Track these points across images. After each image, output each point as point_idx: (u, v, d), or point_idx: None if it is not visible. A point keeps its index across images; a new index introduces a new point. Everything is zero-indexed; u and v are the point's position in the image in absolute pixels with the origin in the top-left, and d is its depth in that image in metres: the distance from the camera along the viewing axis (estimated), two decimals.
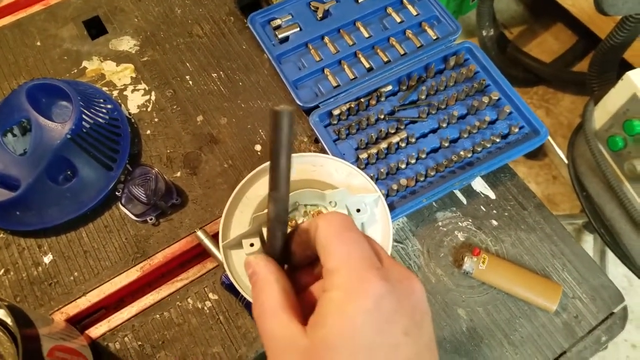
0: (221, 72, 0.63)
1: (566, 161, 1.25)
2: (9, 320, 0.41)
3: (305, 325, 0.25)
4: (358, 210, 0.46)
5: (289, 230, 0.31)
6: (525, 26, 1.69)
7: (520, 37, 1.67)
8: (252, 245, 0.41)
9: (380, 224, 0.48)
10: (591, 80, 1.14)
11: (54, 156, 0.52)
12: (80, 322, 0.52)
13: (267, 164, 0.41)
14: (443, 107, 0.58)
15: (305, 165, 0.50)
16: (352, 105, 0.58)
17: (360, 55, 0.62)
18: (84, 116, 0.54)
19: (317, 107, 0.59)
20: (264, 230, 0.41)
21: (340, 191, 0.46)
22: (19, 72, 0.64)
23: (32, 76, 0.64)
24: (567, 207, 1.41)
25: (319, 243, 0.27)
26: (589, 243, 1.37)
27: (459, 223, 0.54)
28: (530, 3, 1.71)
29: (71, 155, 0.54)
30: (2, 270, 0.53)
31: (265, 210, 0.37)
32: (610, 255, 1.24)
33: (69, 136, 0.53)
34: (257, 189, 0.49)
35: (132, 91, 0.62)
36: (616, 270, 1.32)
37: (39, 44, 0.66)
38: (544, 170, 1.46)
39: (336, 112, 0.58)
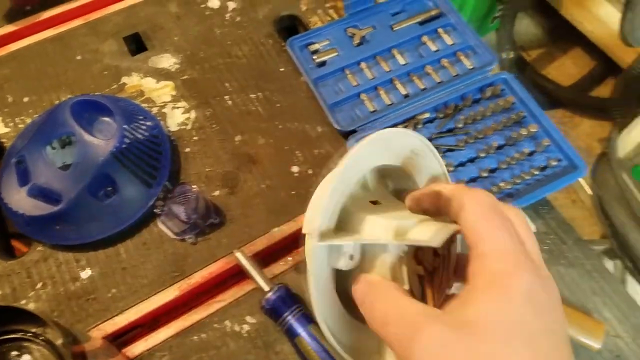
0: (259, 93, 0.64)
1: (585, 185, 1.25)
2: (57, 341, 0.41)
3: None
4: None
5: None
6: (544, 50, 1.70)
7: (538, 61, 1.68)
8: (351, 258, 0.32)
9: None
10: (613, 108, 1.15)
11: (97, 172, 0.53)
12: (116, 340, 0.52)
13: (366, 141, 0.33)
14: (481, 137, 0.59)
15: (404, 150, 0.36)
16: None
17: (396, 82, 0.63)
18: (125, 132, 0.55)
19: (354, 131, 0.59)
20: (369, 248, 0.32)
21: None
22: (59, 86, 0.65)
23: (72, 90, 0.65)
24: (586, 232, 1.40)
25: (466, 223, 0.26)
26: (612, 272, 1.36)
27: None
28: (550, 27, 1.73)
29: (113, 172, 0.54)
30: (40, 284, 0.53)
31: (416, 236, 0.29)
32: (630, 284, 1.23)
33: (112, 153, 0.53)
34: (351, 173, 0.34)
35: (172, 109, 0.63)
36: (636, 298, 1.31)
37: (79, 58, 0.67)
38: (562, 194, 1.46)
39: None
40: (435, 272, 0.31)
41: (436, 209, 0.30)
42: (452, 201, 0.28)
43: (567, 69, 1.65)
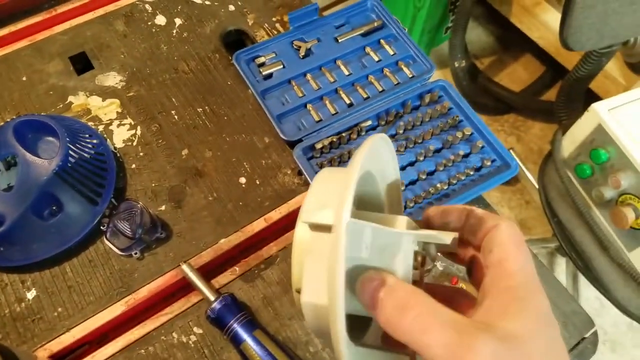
0: (206, 107, 0.65)
1: (537, 186, 1.30)
2: None
3: None
4: None
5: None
6: (496, 57, 1.77)
7: (490, 68, 1.75)
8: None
9: None
10: (559, 111, 1.20)
11: (40, 192, 0.53)
12: (64, 358, 0.52)
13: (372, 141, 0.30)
14: (420, 141, 0.61)
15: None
16: (334, 139, 0.61)
17: (341, 92, 0.65)
18: (70, 152, 0.55)
19: (300, 140, 0.61)
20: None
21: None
22: (4, 107, 0.65)
23: (18, 111, 0.65)
24: (539, 231, 1.46)
25: (496, 239, 0.28)
26: (561, 266, 1.41)
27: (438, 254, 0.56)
28: (500, 35, 1.80)
29: (57, 191, 0.54)
30: None
31: (436, 233, 0.29)
32: (582, 279, 1.28)
33: (55, 172, 0.53)
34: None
35: (118, 126, 0.64)
36: (588, 292, 1.36)
37: (24, 79, 0.67)
38: (516, 196, 1.51)
39: (319, 145, 0.60)
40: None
41: (460, 224, 0.31)
42: (486, 221, 0.29)
43: (518, 75, 1.72)
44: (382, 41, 0.69)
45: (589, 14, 0.86)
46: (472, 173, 0.58)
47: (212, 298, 0.50)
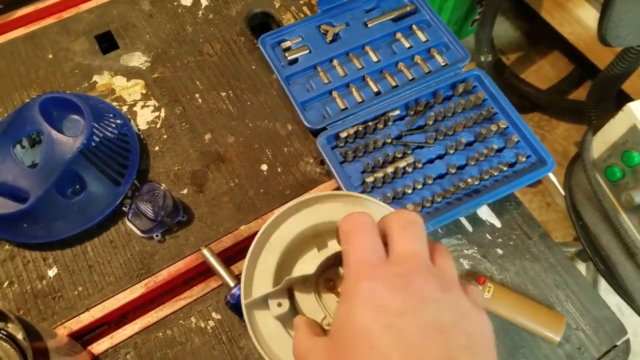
0: (230, 92, 0.64)
1: (560, 189, 1.27)
2: (18, 335, 0.41)
3: None
4: None
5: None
6: (522, 53, 1.73)
7: (517, 64, 1.70)
8: (279, 305, 0.38)
9: None
10: (589, 110, 1.16)
11: (65, 170, 0.52)
12: (83, 337, 0.52)
13: (290, 203, 0.42)
14: (450, 133, 0.59)
15: (335, 204, 0.43)
16: (360, 129, 0.59)
17: (368, 79, 0.64)
18: (94, 130, 0.55)
19: (324, 129, 0.59)
20: (296, 291, 0.39)
21: None
22: (30, 84, 0.65)
23: (43, 88, 0.64)
24: (559, 235, 1.42)
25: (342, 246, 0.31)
26: (581, 272, 1.38)
27: (464, 251, 0.54)
28: (528, 30, 1.75)
29: (81, 169, 0.54)
30: (7, 283, 0.53)
31: (298, 273, 0.38)
32: (603, 285, 1.25)
33: (80, 150, 0.53)
34: (282, 232, 0.42)
35: (142, 107, 0.63)
36: (608, 299, 1.33)
37: (50, 56, 0.67)
38: (537, 197, 1.48)
39: (343, 134, 0.59)
40: None
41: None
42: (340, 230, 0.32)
43: (545, 72, 1.67)
44: (414, 27, 0.67)
45: (631, 7, 0.82)
46: (505, 169, 0.56)
47: (231, 284, 0.49)
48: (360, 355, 0.26)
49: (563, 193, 1.02)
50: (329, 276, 0.39)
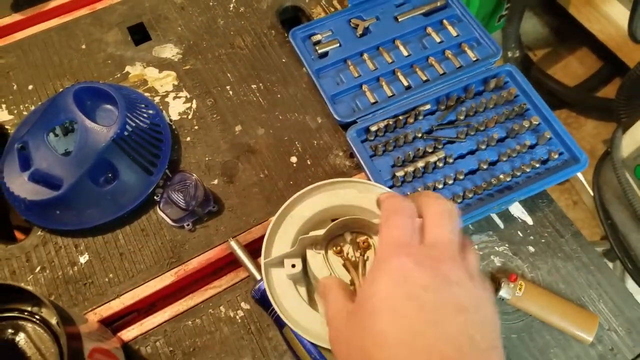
0: (260, 84, 0.64)
1: (588, 187, 1.25)
2: (52, 320, 0.41)
3: None
4: None
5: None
6: (550, 49, 1.69)
7: (544, 60, 1.67)
8: (293, 266, 0.44)
9: None
10: (618, 108, 1.13)
11: (98, 158, 0.53)
12: (112, 324, 0.53)
13: (313, 185, 0.48)
14: (482, 128, 0.58)
15: (351, 190, 0.49)
16: (390, 122, 0.59)
17: (398, 73, 0.63)
18: (127, 120, 0.55)
19: (354, 122, 0.59)
20: (308, 252, 0.45)
21: None
22: (64, 74, 0.66)
23: (76, 78, 0.65)
24: (586, 233, 1.39)
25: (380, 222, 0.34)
26: (614, 271, 1.35)
27: (496, 247, 0.54)
28: (557, 26, 1.72)
29: (114, 158, 0.54)
30: (39, 268, 0.54)
31: (311, 234, 0.44)
32: (630, 285, 1.23)
33: (113, 139, 0.53)
34: (302, 209, 0.48)
35: (174, 98, 0.63)
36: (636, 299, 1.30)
37: (84, 47, 0.68)
38: (564, 195, 1.45)
39: (373, 128, 0.58)
40: (359, 263, 0.43)
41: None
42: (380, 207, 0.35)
43: (573, 69, 1.64)
44: (444, 21, 0.66)
45: None
46: (537, 165, 0.55)
47: (257, 277, 0.49)
48: (384, 318, 0.28)
49: (591, 191, 1.00)
50: (337, 242, 0.45)
